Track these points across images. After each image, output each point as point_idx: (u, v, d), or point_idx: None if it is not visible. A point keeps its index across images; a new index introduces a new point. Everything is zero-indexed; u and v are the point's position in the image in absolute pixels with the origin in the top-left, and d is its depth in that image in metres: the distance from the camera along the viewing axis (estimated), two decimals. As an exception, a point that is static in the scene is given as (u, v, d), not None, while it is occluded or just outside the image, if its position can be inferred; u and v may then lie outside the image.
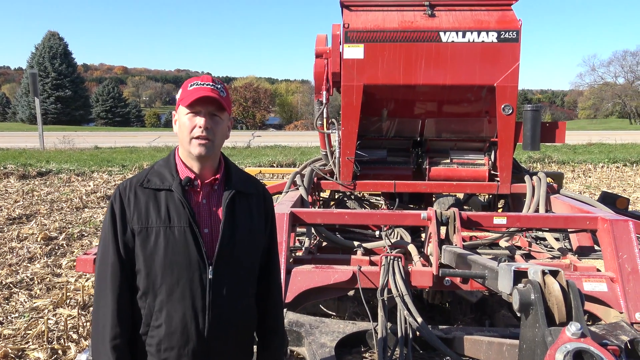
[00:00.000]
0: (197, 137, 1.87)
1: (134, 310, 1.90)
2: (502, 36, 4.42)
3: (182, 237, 1.86)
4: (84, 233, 8.06)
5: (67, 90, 58.80)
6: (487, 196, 6.37)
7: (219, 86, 1.94)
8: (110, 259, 1.88)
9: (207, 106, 1.89)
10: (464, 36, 4.43)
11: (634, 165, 15.82)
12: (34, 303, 5.15)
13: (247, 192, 2.03)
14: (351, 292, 4.07)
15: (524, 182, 4.84)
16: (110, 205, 1.94)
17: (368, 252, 3.96)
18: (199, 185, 1.94)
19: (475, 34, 4.42)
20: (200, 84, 1.91)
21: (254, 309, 2.09)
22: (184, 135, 1.91)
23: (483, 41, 4.43)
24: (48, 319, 4.68)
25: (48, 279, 5.91)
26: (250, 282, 2.06)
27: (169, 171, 1.94)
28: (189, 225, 1.86)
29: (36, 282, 5.80)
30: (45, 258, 6.68)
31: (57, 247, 7.23)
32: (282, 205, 3.95)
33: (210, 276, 1.88)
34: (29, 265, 6.41)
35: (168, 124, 58.34)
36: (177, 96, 1.98)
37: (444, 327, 3.11)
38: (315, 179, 5.05)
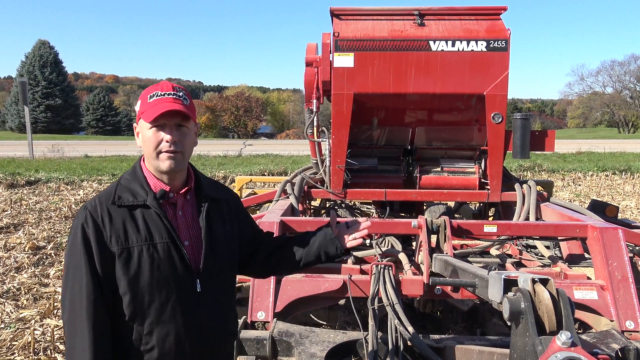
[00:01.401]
0: (166, 151, 1.77)
1: (121, 338, 1.78)
2: (491, 45, 4.44)
3: (165, 253, 1.77)
4: (72, 242, 7.97)
5: (58, 99, 58.46)
6: (477, 204, 6.38)
7: (181, 94, 1.82)
8: (86, 290, 1.70)
9: (172, 118, 1.78)
10: (453, 45, 4.45)
11: (623, 173, 15.94)
12: (21, 314, 5.08)
13: (219, 198, 1.98)
14: (342, 301, 4.04)
15: (514, 190, 4.85)
16: (79, 228, 1.74)
17: (359, 260, 3.94)
18: (174, 197, 1.86)
19: (464, 43, 4.45)
20: (161, 94, 1.79)
21: (237, 317, 2.08)
22: (149, 150, 1.79)
23: (472, 50, 4.45)
24: (35, 329, 4.62)
25: (35, 289, 5.84)
26: (232, 290, 2.04)
27: (140, 185, 1.81)
28: (171, 240, 1.78)
29: (23, 292, 5.73)
30: (32, 268, 6.60)
31: (44, 257, 7.15)
32: (272, 214, 3.93)
33: (199, 289, 1.82)
34: (16, 275, 6.33)
35: (159, 133, 57.94)
36: (137, 107, 1.84)
37: (435, 336, 3.09)
38: (306, 187, 5.03)
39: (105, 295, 1.73)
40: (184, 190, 1.88)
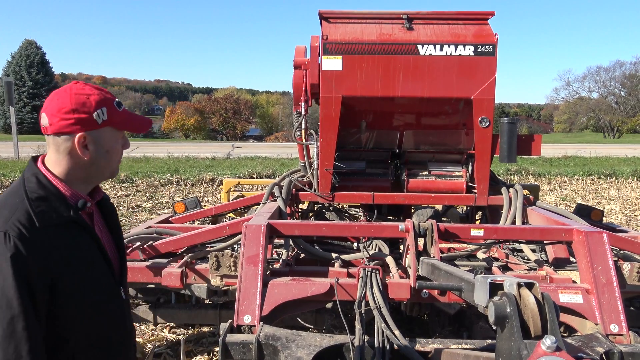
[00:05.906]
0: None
1: None
2: (478, 50, 4.47)
3: (100, 269, 1.71)
4: (57, 245, 7.87)
5: (44, 99, 57.26)
6: (465, 208, 6.41)
7: None
8: (26, 330, 1.47)
9: None
10: (441, 49, 4.47)
11: (608, 178, 16.10)
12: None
13: (107, 198, 1.93)
14: (329, 305, 4.03)
15: (501, 194, 4.88)
16: (8, 262, 1.47)
17: (346, 264, 3.93)
18: (90, 206, 1.76)
19: (452, 47, 4.47)
20: (119, 102, 1.77)
21: None
22: (114, 160, 1.76)
23: (460, 54, 4.47)
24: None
25: (18, 292, 5.74)
26: None
27: (56, 198, 1.63)
28: (102, 254, 1.73)
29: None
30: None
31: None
32: (260, 217, 3.91)
33: (123, 296, 1.82)
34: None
35: (147, 134, 57.74)
36: (101, 116, 1.69)
37: (422, 339, 3.09)
38: (294, 190, 5.02)
39: (42, 333, 1.56)
40: (100, 197, 1.84)
